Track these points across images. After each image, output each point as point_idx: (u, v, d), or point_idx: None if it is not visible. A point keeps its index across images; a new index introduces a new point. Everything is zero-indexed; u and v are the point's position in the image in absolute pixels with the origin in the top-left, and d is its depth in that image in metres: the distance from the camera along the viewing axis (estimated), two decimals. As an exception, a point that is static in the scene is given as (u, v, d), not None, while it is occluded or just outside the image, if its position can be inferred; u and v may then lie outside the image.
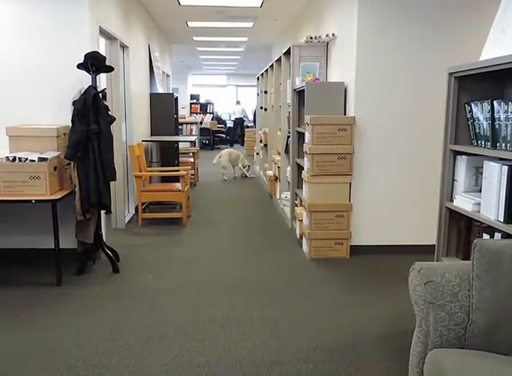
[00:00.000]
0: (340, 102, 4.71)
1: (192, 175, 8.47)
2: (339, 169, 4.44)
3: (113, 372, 2.59)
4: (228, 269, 4.27)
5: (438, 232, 3.04)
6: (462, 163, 2.82)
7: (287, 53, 5.95)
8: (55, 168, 3.82)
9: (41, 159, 3.72)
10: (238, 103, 17.69)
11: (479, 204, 2.62)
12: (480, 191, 2.67)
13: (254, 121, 14.78)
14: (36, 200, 3.64)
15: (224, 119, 18.07)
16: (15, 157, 3.70)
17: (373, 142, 4.51)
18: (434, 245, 3.11)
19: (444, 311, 1.88)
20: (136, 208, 6.12)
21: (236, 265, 4.36)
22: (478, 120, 2.71)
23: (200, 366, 2.66)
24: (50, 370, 2.60)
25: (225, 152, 9.50)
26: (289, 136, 5.89)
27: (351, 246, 4.57)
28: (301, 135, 5.42)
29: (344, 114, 4.72)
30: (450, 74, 2.86)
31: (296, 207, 5.34)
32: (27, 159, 3.70)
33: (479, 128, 2.71)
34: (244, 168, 9.67)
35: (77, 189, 3.88)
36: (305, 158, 4.63)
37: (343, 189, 4.49)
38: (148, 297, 3.62)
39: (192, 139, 8.36)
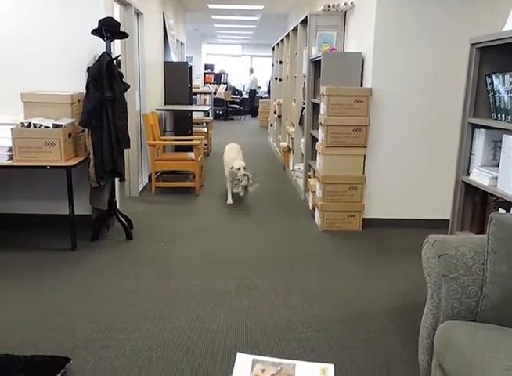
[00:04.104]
0: (356, 73, 4.63)
1: (205, 145, 8.46)
2: (354, 141, 4.39)
3: (127, 335, 2.64)
4: (240, 239, 4.30)
5: (452, 206, 3.01)
6: (480, 136, 2.77)
7: (304, 22, 5.83)
8: (69, 135, 3.83)
9: (56, 125, 3.72)
10: (251, 70, 17.48)
11: (496, 178, 2.59)
12: (497, 165, 2.63)
13: (269, 92, 14.64)
14: (51, 167, 3.66)
15: (239, 90, 17.89)
16: (30, 123, 3.71)
17: (390, 114, 4.44)
18: (447, 220, 3.09)
19: (457, 284, 1.88)
20: (149, 177, 6.14)
21: (248, 236, 4.38)
22: (499, 92, 2.65)
23: (212, 331, 2.70)
24: (64, 332, 2.66)
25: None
26: (304, 107, 5.83)
27: (363, 219, 4.56)
28: (316, 107, 5.35)
29: (361, 85, 4.64)
30: (472, 44, 2.78)
31: (309, 179, 5.33)
32: (41, 125, 3.71)
33: (499, 101, 2.65)
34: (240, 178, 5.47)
35: (91, 156, 3.90)
36: (320, 130, 4.58)
37: (357, 161, 4.45)
38: (161, 264, 3.67)
39: (206, 108, 8.31)
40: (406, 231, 4.51)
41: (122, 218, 4.24)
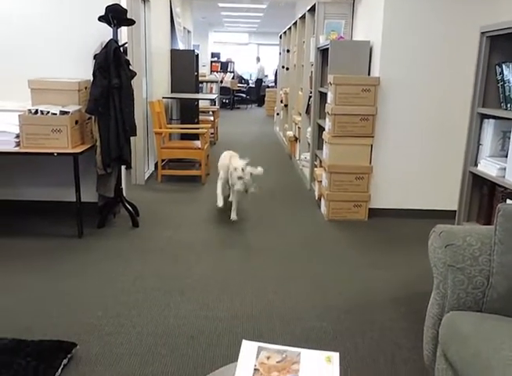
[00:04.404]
0: (364, 61, 4.60)
1: (211, 133, 8.45)
2: (361, 131, 4.37)
3: (132, 321, 2.66)
4: (246, 227, 4.30)
5: (460, 196, 3.00)
6: (489, 127, 2.75)
7: (312, 10, 5.78)
8: (76, 122, 3.83)
9: (63, 112, 3.72)
10: (258, 59, 17.38)
11: (504, 169, 2.57)
12: (506, 156, 2.61)
13: (275, 81, 14.57)
14: (58, 153, 3.67)
15: (246, 78, 17.83)
16: (37, 110, 3.71)
17: (398, 103, 4.41)
18: (454, 211, 3.08)
19: (463, 274, 1.87)
20: (156, 165, 6.15)
21: (254, 224, 4.38)
22: (509, 82, 2.63)
23: (217, 319, 2.72)
24: (70, 318, 2.68)
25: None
26: (310, 96, 5.80)
27: (369, 209, 4.55)
28: (323, 96, 5.32)
29: (369, 75, 4.61)
30: (482, 33, 2.75)
31: (315, 169, 5.32)
32: (48, 112, 3.71)
33: (509, 91, 2.63)
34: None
35: (98, 143, 3.90)
36: (327, 119, 4.56)
37: (364, 151, 4.43)
38: (166, 252, 3.68)
39: (213, 97, 8.29)
40: (412, 221, 4.50)
41: (128, 206, 4.25)
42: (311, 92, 5.76)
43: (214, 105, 9.96)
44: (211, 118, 8.91)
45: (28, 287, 3.04)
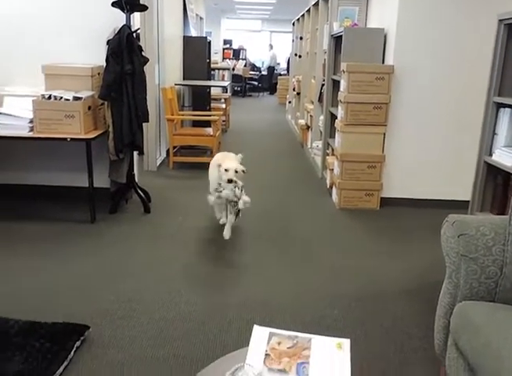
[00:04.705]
0: (378, 49, 4.54)
1: (223, 121, 8.43)
2: (374, 119, 4.34)
3: (144, 306, 2.69)
4: (257, 214, 4.30)
5: (473, 186, 2.98)
6: (505, 116, 2.72)
7: (326, -4, 5.72)
8: (89, 108, 3.84)
9: (76, 98, 3.73)
10: (271, 46, 17.24)
11: (520, 159, 2.54)
12: (522, 146, 2.58)
13: (288, 69, 14.49)
14: (71, 139, 3.69)
15: (258, 66, 17.72)
16: (50, 95, 3.73)
17: (411, 92, 4.36)
18: (467, 201, 3.06)
19: (476, 264, 1.86)
20: (167, 151, 6.16)
21: (265, 213, 4.39)
22: (527, 71, 2.58)
23: (228, 305, 2.73)
24: (81, 303, 2.71)
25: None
26: (323, 84, 5.75)
27: (381, 197, 4.53)
28: (336, 84, 5.28)
29: (383, 63, 4.56)
30: (500, 20, 2.71)
31: (327, 157, 5.30)
32: (61, 97, 3.72)
33: (527, 80, 2.59)
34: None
35: (110, 129, 3.91)
36: (339, 107, 4.53)
37: (377, 139, 4.40)
38: (178, 238, 3.70)
39: (225, 84, 8.26)
40: (424, 211, 4.48)
41: (140, 192, 4.27)
42: (323, 80, 5.71)
43: (226, 92, 9.92)
44: (223, 105, 8.89)
45: (41, 270, 3.08)
